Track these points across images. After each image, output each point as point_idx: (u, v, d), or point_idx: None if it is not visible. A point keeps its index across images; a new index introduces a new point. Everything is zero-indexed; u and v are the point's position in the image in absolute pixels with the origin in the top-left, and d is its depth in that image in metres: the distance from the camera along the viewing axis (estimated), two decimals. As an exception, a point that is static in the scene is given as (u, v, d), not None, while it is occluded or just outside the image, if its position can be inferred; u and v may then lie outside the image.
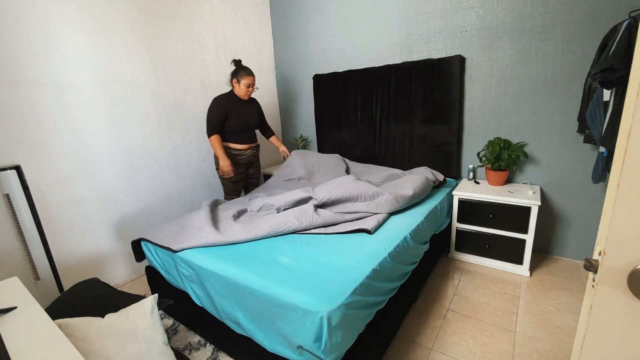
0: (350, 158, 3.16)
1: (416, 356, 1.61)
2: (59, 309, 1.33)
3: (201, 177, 2.95)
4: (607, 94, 1.69)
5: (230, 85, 2.51)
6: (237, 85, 2.43)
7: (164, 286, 1.85)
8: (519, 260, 2.21)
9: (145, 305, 1.26)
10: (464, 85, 2.51)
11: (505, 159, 2.27)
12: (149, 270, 1.97)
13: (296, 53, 3.37)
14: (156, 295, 1.32)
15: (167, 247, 1.71)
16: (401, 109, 2.78)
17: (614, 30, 1.67)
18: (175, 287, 1.79)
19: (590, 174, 2.06)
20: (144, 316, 1.22)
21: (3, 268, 1.77)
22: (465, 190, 2.34)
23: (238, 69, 2.42)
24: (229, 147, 2.51)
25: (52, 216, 2.03)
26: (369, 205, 1.95)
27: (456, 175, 2.68)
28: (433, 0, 2.49)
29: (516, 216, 2.15)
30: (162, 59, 2.52)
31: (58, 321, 1.08)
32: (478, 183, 2.49)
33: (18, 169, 1.79)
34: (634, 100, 0.55)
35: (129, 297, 1.43)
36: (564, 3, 2.04)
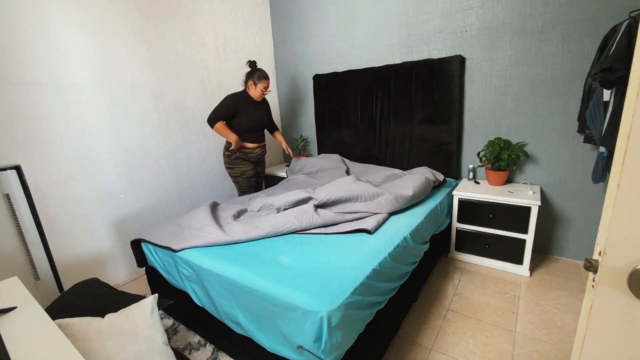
0: (350, 158, 3.16)
1: (416, 356, 1.61)
2: (59, 309, 1.33)
3: (201, 177, 2.95)
4: (607, 94, 1.69)
5: (243, 86, 2.55)
6: (253, 88, 2.48)
7: (164, 286, 1.85)
8: (519, 260, 2.21)
9: (145, 305, 1.26)
10: (464, 85, 2.51)
11: (505, 159, 2.27)
12: (149, 270, 1.97)
13: (296, 53, 3.37)
14: (156, 295, 1.32)
15: (168, 247, 1.71)
16: (401, 109, 2.78)
17: (614, 30, 1.67)
18: (175, 287, 1.79)
19: (590, 174, 2.06)
20: (144, 316, 1.22)
21: (3, 268, 1.77)
22: (465, 190, 2.34)
23: (255, 72, 2.48)
24: (246, 147, 2.58)
25: (52, 216, 2.03)
26: (369, 205, 1.95)
27: (456, 175, 2.68)
28: (433, 0, 2.49)
29: (516, 216, 2.15)
30: (162, 59, 2.52)
31: (58, 321, 1.08)
32: (478, 183, 2.49)
33: (18, 169, 1.79)
34: (634, 100, 0.55)
35: (129, 297, 1.43)
36: (564, 3, 2.04)
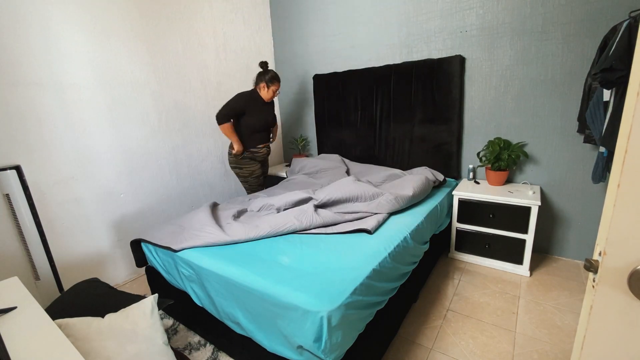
0: (350, 158, 3.16)
1: (416, 356, 1.61)
2: (59, 309, 1.33)
3: (201, 177, 2.95)
4: (607, 94, 1.69)
5: (254, 85, 2.57)
6: (265, 90, 2.52)
7: (164, 286, 1.85)
8: (519, 260, 2.21)
9: (145, 305, 1.26)
10: (464, 85, 2.51)
11: (505, 159, 2.27)
12: (149, 270, 1.97)
13: (296, 53, 3.37)
14: (156, 295, 1.32)
15: (168, 247, 1.71)
16: (401, 109, 2.78)
17: (614, 30, 1.67)
18: (175, 287, 1.79)
19: (590, 174, 2.06)
20: (144, 316, 1.22)
21: (3, 268, 1.77)
22: (465, 190, 2.34)
23: (268, 74, 2.50)
24: (251, 147, 2.59)
25: (52, 216, 2.03)
26: (369, 205, 1.95)
27: (456, 175, 2.68)
28: (433, 0, 2.49)
29: (516, 216, 2.15)
30: (162, 59, 2.52)
31: (58, 321, 1.08)
32: (478, 183, 2.49)
33: (18, 169, 1.79)
34: (634, 100, 0.55)
35: (129, 297, 1.43)
36: (564, 3, 2.04)
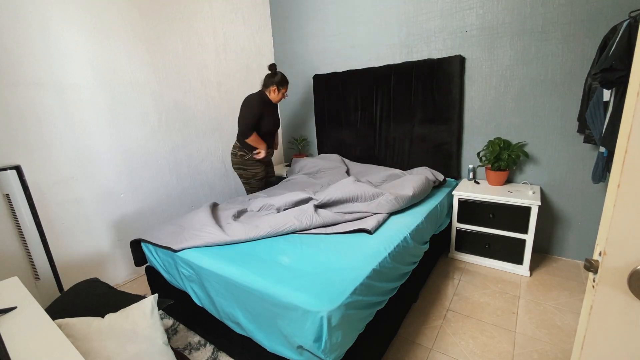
0: (350, 158, 3.16)
1: (416, 356, 1.61)
2: (59, 309, 1.33)
3: (201, 177, 2.95)
4: (607, 94, 1.69)
5: (263, 88, 2.54)
6: (275, 92, 2.51)
7: (164, 286, 1.85)
8: (519, 260, 2.21)
9: (145, 305, 1.26)
10: (464, 85, 2.51)
11: (505, 159, 2.27)
12: (149, 270, 1.97)
13: (296, 53, 3.37)
14: (156, 295, 1.32)
15: (168, 247, 1.71)
16: (401, 109, 2.78)
17: (614, 30, 1.67)
18: (175, 287, 1.79)
19: (590, 174, 2.06)
20: (144, 316, 1.22)
21: (3, 268, 1.77)
22: (465, 190, 2.34)
23: (280, 78, 2.49)
24: (254, 148, 2.57)
25: (52, 216, 2.03)
26: (369, 205, 1.95)
27: (456, 175, 2.68)
28: (433, 0, 2.49)
29: (516, 216, 2.15)
30: (162, 59, 2.52)
31: (58, 321, 1.08)
32: (478, 183, 2.49)
33: (18, 169, 1.79)
34: (634, 100, 0.55)
35: (129, 297, 1.43)
36: (564, 3, 2.04)
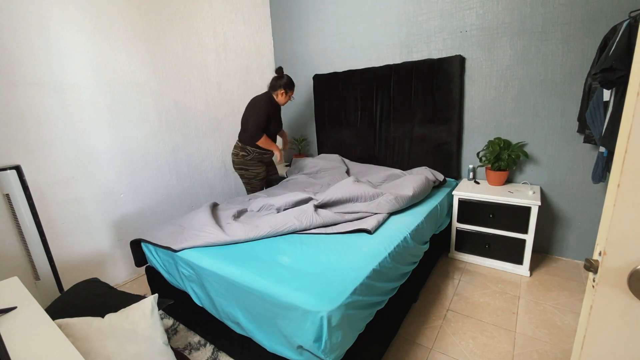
0: (350, 158, 3.16)
1: (416, 356, 1.61)
2: (59, 309, 1.33)
3: (201, 177, 2.95)
4: (607, 94, 1.69)
5: (270, 90, 2.58)
6: (283, 95, 2.57)
7: (164, 286, 1.85)
8: (519, 260, 2.21)
9: (145, 305, 1.26)
10: (464, 85, 2.51)
11: (505, 159, 2.27)
12: (149, 270, 1.97)
13: (296, 53, 3.37)
14: (156, 295, 1.32)
15: (168, 247, 1.71)
16: (401, 109, 2.78)
17: (614, 30, 1.67)
18: (175, 287, 1.79)
19: (590, 174, 2.06)
20: (144, 316, 1.22)
21: (3, 268, 1.77)
22: (465, 190, 2.34)
23: (288, 81, 2.55)
24: (263, 150, 2.60)
25: (52, 216, 2.03)
26: (369, 206, 1.95)
27: (456, 175, 2.68)
28: (433, 0, 2.49)
29: (516, 216, 2.15)
30: (162, 59, 2.52)
31: (58, 321, 1.08)
32: (478, 183, 2.49)
33: (18, 169, 1.79)
34: (634, 100, 0.55)
35: (129, 297, 1.43)
36: (564, 3, 2.04)
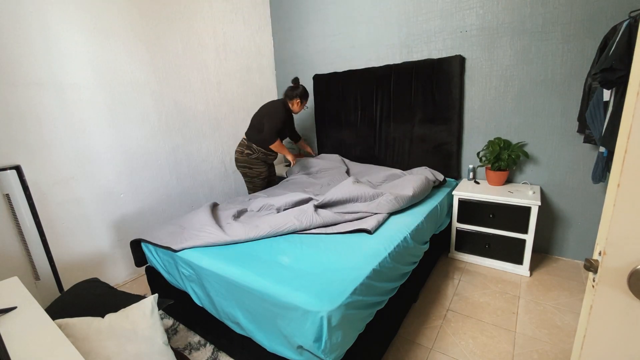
0: (350, 158, 3.16)
1: (416, 356, 1.61)
2: (59, 309, 1.33)
3: (201, 177, 2.95)
4: (607, 94, 1.69)
5: (286, 98, 2.68)
6: (298, 105, 2.69)
7: (164, 286, 1.85)
8: (519, 260, 2.21)
9: (145, 305, 1.26)
10: (464, 85, 2.51)
11: (505, 159, 2.27)
12: (149, 270, 1.97)
13: (296, 53, 3.37)
14: (156, 295, 1.32)
15: (168, 247, 1.71)
16: (401, 109, 2.78)
17: (614, 30, 1.67)
18: (175, 287, 1.79)
19: (590, 174, 2.06)
20: (144, 316, 1.22)
21: (3, 268, 1.77)
22: (465, 190, 2.34)
23: (303, 91, 2.67)
24: (269, 151, 2.69)
25: (52, 216, 2.03)
26: (369, 206, 1.95)
27: (456, 175, 2.67)
28: (433, 0, 2.49)
29: (516, 216, 2.14)
30: (162, 59, 2.52)
31: (58, 321, 1.08)
32: (478, 183, 2.49)
33: (18, 169, 1.79)
34: (634, 100, 0.55)
35: (129, 297, 1.43)
36: (564, 3, 2.04)
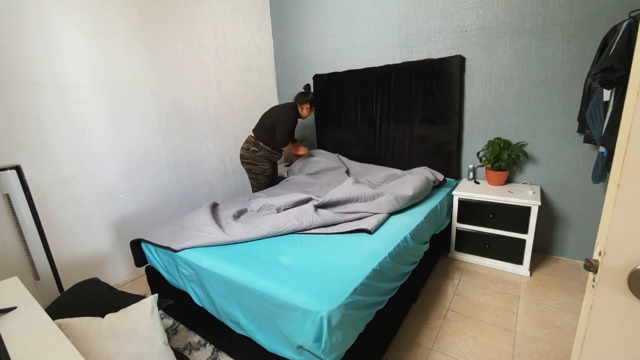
0: (350, 158, 3.15)
1: (416, 356, 1.61)
2: (59, 309, 1.33)
3: (201, 177, 2.95)
4: (607, 94, 1.69)
5: (296, 103, 2.78)
6: (308, 110, 2.81)
7: (164, 286, 1.85)
8: (519, 260, 2.21)
9: (145, 305, 1.26)
10: (464, 85, 2.51)
11: (505, 159, 2.27)
12: (149, 270, 1.97)
13: (296, 53, 3.37)
14: (156, 295, 1.32)
15: (168, 247, 1.71)
16: (401, 109, 2.78)
17: (614, 30, 1.67)
18: (175, 287, 1.79)
19: (590, 174, 2.06)
20: (144, 316, 1.22)
21: (3, 268, 1.77)
22: (465, 190, 2.34)
23: (313, 97, 2.81)
24: (275, 150, 2.78)
25: (52, 216, 2.03)
26: (369, 206, 1.95)
27: (456, 175, 2.67)
28: (433, 0, 2.49)
29: (516, 216, 2.14)
30: (162, 59, 2.52)
31: (58, 321, 1.08)
32: (478, 183, 2.49)
33: (18, 169, 1.79)
34: (634, 100, 0.55)
35: (129, 297, 1.43)
36: (564, 3, 2.04)
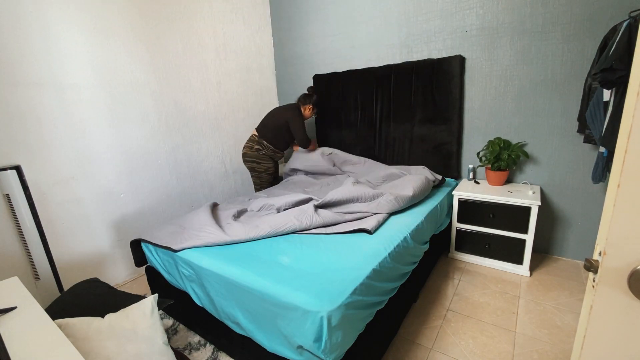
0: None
1: (416, 356, 1.61)
2: (59, 309, 1.33)
3: (201, 177, 2.95)
4: (607, 94, 1.69)
5: (299, 103, 2.86)
6: (311, 111, 2.90)
7: (164, 286, 1.85)
8: (519, 260, 2.21)
9: (145, 305, 1.26)
10: (464, 85, 2.51)
11: (505, 159, 2.27)
12: (149, 270, 1.97)
13: (296, 53, 3.37)
14: (156, 295, 1.32)
15: (168, 247, 1.71)
16: (401, 109, 2.78)
17: (614, 30, 1.67)
18: (175, 287, 1.79)
19: (590, 174, 2.06)
20: (144, 316, 1.22)
21: (3, 268, 1.77)
22: (465, 190, 2.34)
23: (317, 99, 2.90)
24: (278, 149, 2.86)
25: (52, 216, 2.03)
26: (369, 206, 1.95)
27: (456, 175, 2.67)
28: (433, 0, 2.49)
29: (516, 216, 2.14)
30: (162, 59, 2.52)
31: (58, 321, 1.08)
32: (478, 183, 2.49)
33: (18, 169, 1.79)
34: (634, 100, 0.55)
35: (129, 297, 1.43)
36: (564, 3, 2.04)
